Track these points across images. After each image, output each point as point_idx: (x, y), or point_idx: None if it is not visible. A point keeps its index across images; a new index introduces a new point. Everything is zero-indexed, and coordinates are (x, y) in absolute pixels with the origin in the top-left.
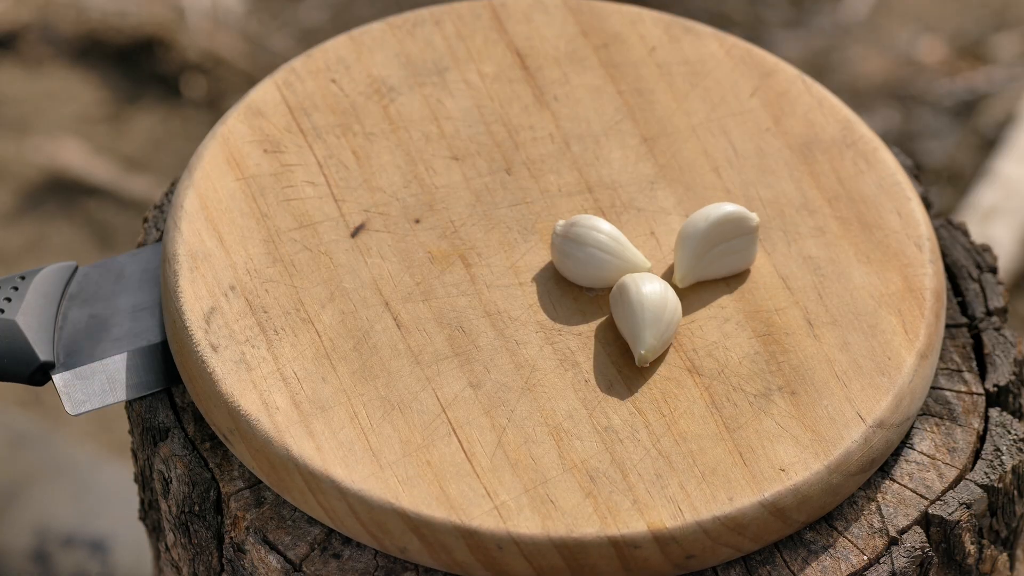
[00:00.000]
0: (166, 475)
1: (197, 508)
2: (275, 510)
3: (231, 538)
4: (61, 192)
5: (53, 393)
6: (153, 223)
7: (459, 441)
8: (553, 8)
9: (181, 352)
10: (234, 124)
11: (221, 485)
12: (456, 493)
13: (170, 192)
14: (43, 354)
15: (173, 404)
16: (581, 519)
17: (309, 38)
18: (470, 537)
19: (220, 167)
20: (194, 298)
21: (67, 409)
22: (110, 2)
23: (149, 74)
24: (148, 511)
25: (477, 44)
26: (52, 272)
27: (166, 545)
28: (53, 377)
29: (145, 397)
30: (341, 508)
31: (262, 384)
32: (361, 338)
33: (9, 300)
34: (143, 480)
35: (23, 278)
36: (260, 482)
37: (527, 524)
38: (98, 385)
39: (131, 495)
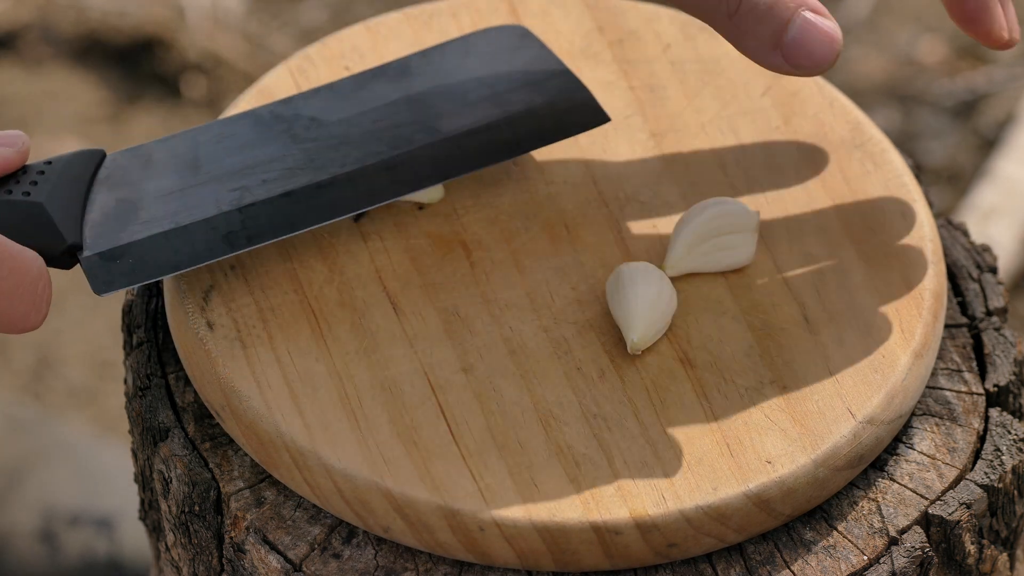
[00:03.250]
0: (166, 475)
1: (197, 508)
2: (275, 510)
3: (231, 538)
4: None
5: (52, 388)
6: None
7: (447, 424)
8: (570, 3)
9: (179, 328)
10: (245, 108)
11: (221, 485)
12: (441, 474)
13: None
14: (69, 236)
15: (173, 404)
16: (564, 504)
17: (309, 38)
18: (452, 518)
19: None
20: (194, 275)
21: (93, 290)
22: (110, 2)
23: (149, 74)
24: (148, 511)
25: None
26: (79, 157)
27: (166, 545)
28: (80, 259)
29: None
30: (327, 486)
31: (256, 362)
32: (357, 320)
33: (35, 184)
34: (143, 480)
35: (49, 163)
36: (260, 482)
37: (510, 507)
38: (125, 266)
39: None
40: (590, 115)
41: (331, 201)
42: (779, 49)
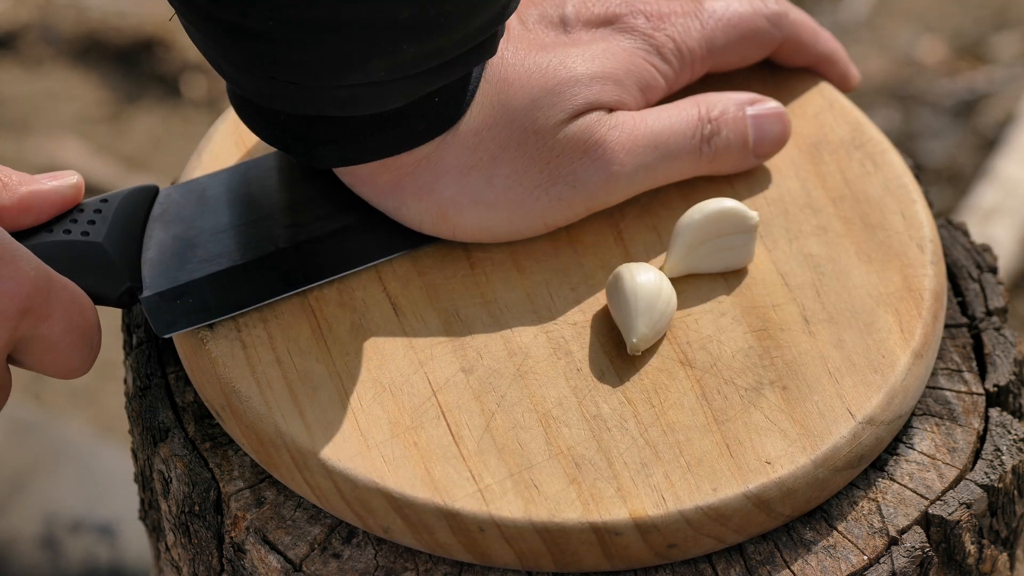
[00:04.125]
0: (166, 475)
1: (197, 508)
2: (275, 510)
3: (231, 538)
4: None
5: (52, 388)
6: None
7: (447, 424)
8: None
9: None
10: None
11: (221, 485)
12: (441, 475)
13: None
14: (129, 277)
15: (173, 404)
16: (564, 504)
17: None
18: (452, 519)
19: (229, 149)
20: None
21: (156, 331)
22: (110, 2)
23: (149, 74)
24: (148, 511)
25: None
26: (134, 194)
27: (166, 545)
28: (140, 299)
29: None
30: (327, 486)
31: (256, 362)
32: (357, 320)
33: (93, 223)
34: (143, 480)
35: (105, 200)
36: (260, 482)
37: (510, 507)
38: (186, 306)
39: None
40: None
41: (386, 237)
42: (750, 154)
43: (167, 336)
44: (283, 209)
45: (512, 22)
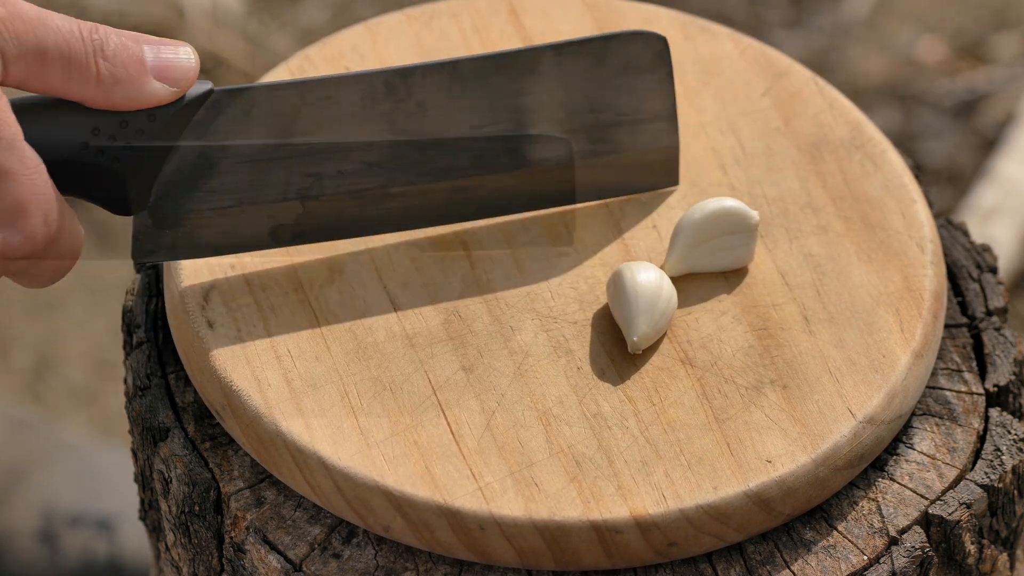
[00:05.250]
0: (166, 475)
1: (197, 508)
2: (275, 510)
3: (231, 538)
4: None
5: (52, 388)
6: None
7: (448, 423)
8: (570, 4)
9: (178, 327)
10: None
11: (221, 485)
12: (441, 473)
13: None
14: (138, 193)
15: (173, 404)
16: (564, 503)
17: (309, 38)
18: (452, 517)
19: None
20: (194, 275)
21: (133, 255)
22: (110, 2)
23: None
24: (148, 511)
25: (492, 37)
26: (186, 109)
27: (166, 545)
28: (134, 216)
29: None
30: (327, 485)
31: (256, 361)
32: (357, 319)
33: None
34: (143, 480)
35: (153, 119)
36: (260, 482)
37: (510, 506)
38: (171, 238)
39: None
40: (664, 176)
41: (391, 214)
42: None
43: (143, 262)
44: (311, 153)
45: None
